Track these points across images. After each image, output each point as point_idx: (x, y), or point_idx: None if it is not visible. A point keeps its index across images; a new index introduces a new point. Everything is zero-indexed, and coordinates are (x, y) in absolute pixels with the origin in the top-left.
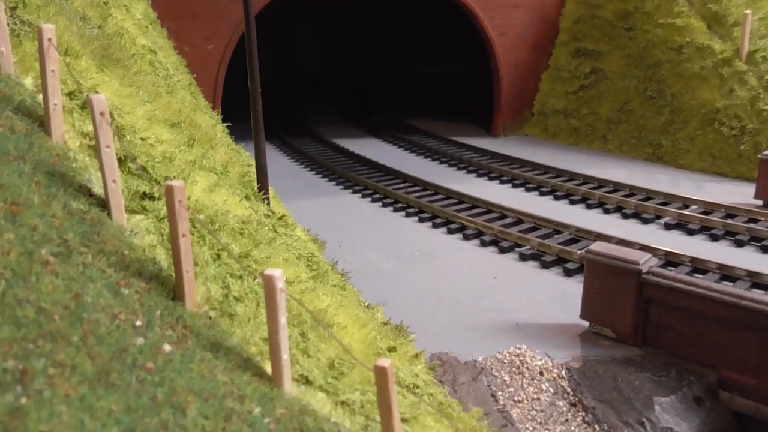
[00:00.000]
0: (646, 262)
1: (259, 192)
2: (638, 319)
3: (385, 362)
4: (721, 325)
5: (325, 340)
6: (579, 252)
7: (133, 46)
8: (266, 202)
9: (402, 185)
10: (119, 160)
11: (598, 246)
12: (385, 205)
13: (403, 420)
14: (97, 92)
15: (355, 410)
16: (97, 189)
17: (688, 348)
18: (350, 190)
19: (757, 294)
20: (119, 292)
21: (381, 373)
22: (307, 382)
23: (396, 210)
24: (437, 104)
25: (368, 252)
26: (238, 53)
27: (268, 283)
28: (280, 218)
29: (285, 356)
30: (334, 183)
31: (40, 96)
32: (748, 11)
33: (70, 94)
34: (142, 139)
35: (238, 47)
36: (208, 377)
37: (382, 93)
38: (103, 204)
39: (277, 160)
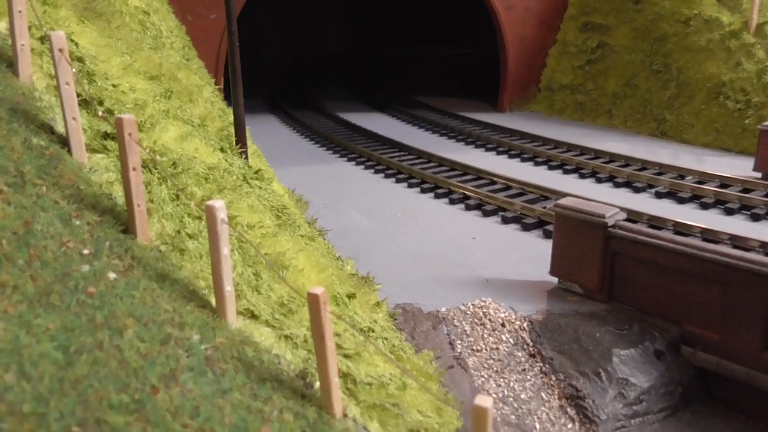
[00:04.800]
0: (613, 216)
1: (236, 145)
2: (605, 274)
3: (317, 290)
4: (684, 279)
5: (280, 281)
6: (546, 207)
7: (124, 6)
8: (243, 156)
9: (396, 153)
10: (86, 102)
11: (566, 200)
12: (377, 172)
13: (347, 356)
14: (72, 40)
15: (298, 344)
16: (60, 128)
17: (653, 303)
18: (345, 158)
19: (720, 246)
20: (70, 223)
21: (313, 300)
22: (253, 316)
23: (387, 176)
24: (452, 85)
25: (352, 213)
26: (245, 25)
27: (210, 214)
28: (256, 172)
29: (228, 288)
30: (330, 152)
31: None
32: None
33: (42, 38)
34: (114, 85)
35: (242, 17)
36: (150, 304)
37: (398, 73)
38: (64, 141)
39: (278, 131)
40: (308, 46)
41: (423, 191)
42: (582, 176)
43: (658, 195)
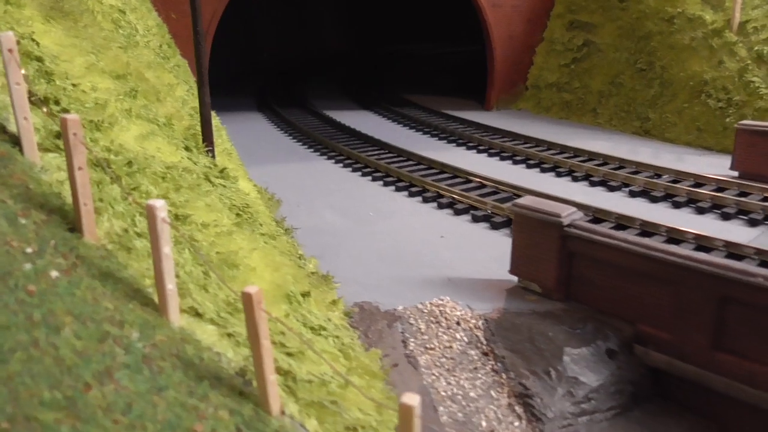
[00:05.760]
0: (569, 215)
1: (202, 144)
2: (562, 274)
3: (251, 289)
4: (637, 279)
5: (229, 279)
6: (507, 206)
7: (97, 4)
8: (210, 154)
9: (376, 152)
10: (42, 100)
11: (525, 200)
12: (354, 170)
13: (290, 354)
14: (33, 39)
15: (241, 342)
16: (13, 127)
17: (608, 302)
18: (325, 157)
19: (670, 246)
20: (16, 222)
21: (247, 300)
22: (198, 314)
23: (364, 175)
24: (442, 83)
25: (325, 212)
26: (234, 25)
27: (150, 213)
28: (221, 171)
29: (170, 286)
30: (312, 150)
31: None
32: None
33: None
34: (74, 85)
35: (228, 17)
36: (91, 303)
37: (389, 70)
38: (17, 141)
39: (263, 129)
40: (301, 44)
41: (398, 189)
42: (558, 175)
43: (632, 194)
